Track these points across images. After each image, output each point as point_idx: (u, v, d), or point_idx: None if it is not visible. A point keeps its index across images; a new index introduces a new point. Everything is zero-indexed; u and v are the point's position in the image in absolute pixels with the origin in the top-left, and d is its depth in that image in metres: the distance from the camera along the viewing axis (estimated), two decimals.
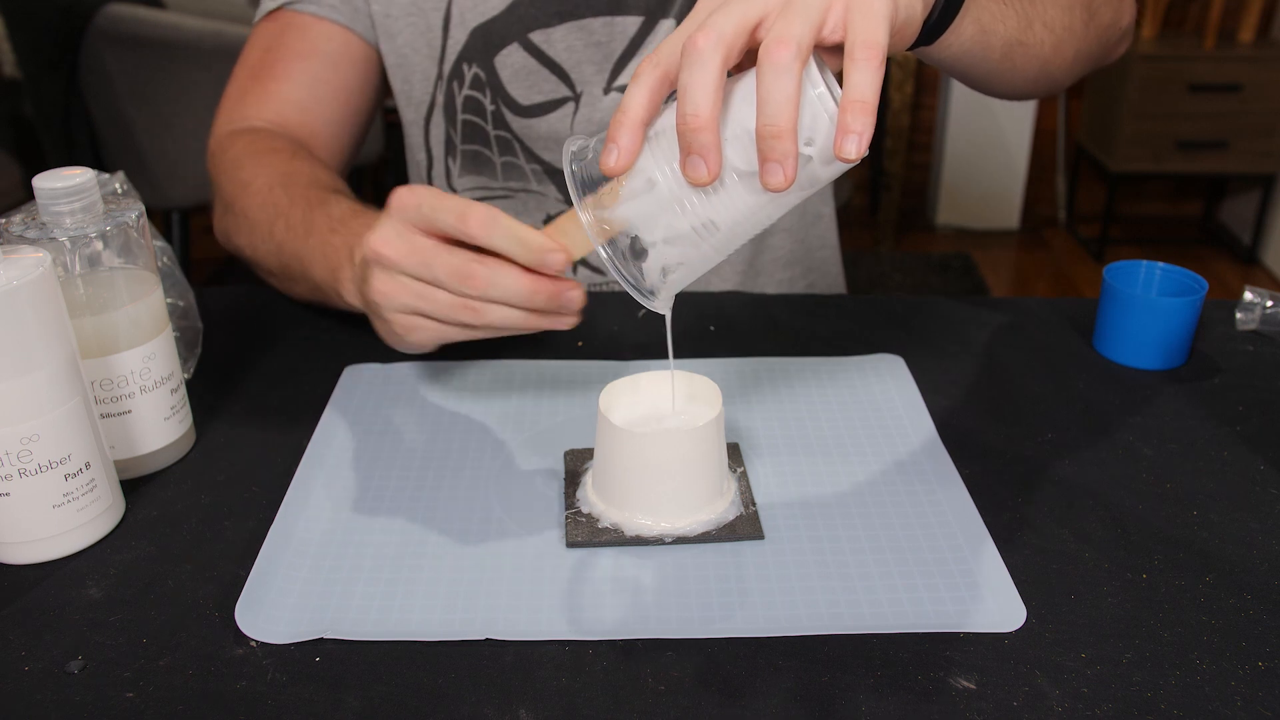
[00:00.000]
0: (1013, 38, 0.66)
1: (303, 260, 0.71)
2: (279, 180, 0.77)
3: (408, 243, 0.56)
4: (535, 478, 0.63)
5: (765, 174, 0.46)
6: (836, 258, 1.05)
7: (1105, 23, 0.78)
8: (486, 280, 0.55)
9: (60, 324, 0.53)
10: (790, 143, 0.45)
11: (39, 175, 0.57)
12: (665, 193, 0.49)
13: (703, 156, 0.47)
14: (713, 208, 0.49)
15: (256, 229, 0.76)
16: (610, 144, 0.49)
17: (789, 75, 0.45)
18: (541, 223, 0.94)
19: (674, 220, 0.50)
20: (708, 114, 0.46)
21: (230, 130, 0.86)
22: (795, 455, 0.65)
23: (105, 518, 0.57)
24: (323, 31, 0.87)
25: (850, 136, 0.45)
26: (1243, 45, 2.75)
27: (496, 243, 0.55)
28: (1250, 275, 2.89)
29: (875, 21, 0.46)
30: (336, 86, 0.88)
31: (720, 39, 0.46)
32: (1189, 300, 0.73)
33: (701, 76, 0.46)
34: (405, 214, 0.57)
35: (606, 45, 0.86)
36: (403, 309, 0.58)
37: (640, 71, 0.49)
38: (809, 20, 0.45)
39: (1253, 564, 0.55)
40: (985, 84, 0.73)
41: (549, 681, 0.48)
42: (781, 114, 0.45)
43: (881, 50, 0.45)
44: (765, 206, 0.50)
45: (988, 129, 3.06)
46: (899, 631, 0.50)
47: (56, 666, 0.49)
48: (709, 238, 0.51)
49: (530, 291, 0.56)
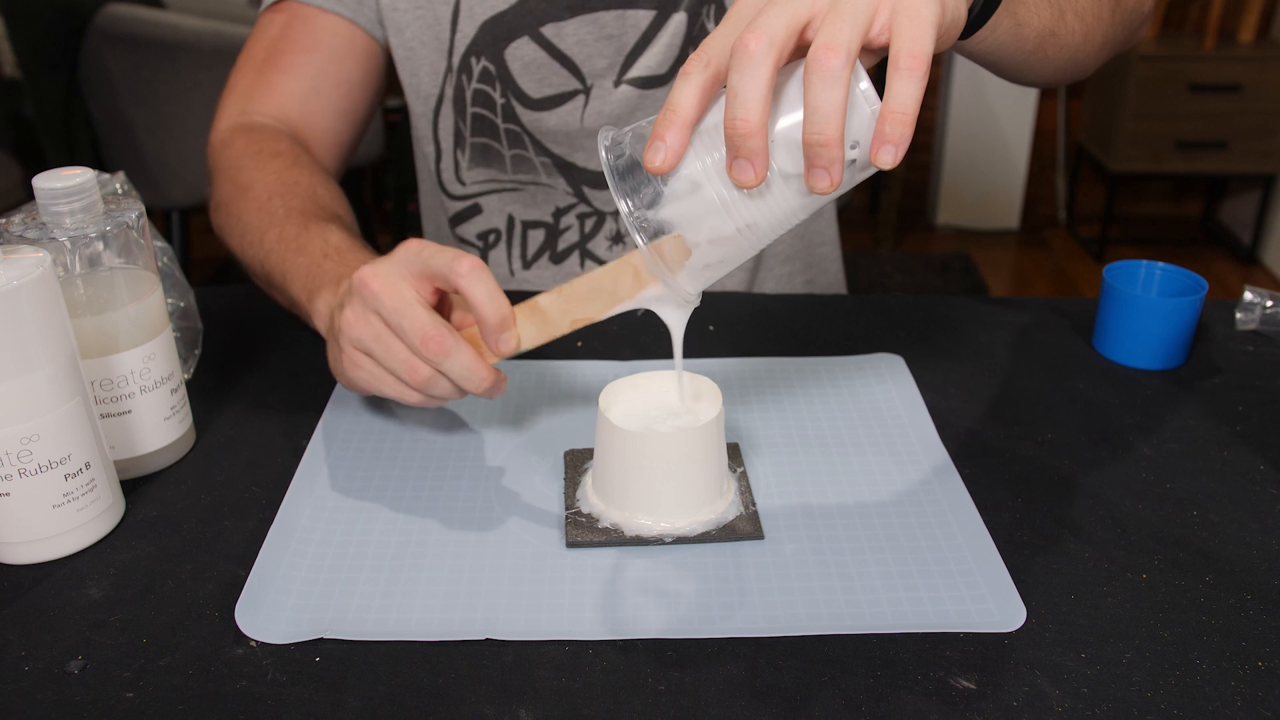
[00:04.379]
0: (1046, 29, 0.66)
1: (285, 274, 0.73)
2: (279, 189, 0.77)
3: (394, 286, 0.58)
4: (535, 478, 0.63)
5: (812, 179, 0.47)
6: (836, 254, 1.06)
7: (1130, 7, 0.78)
8: (443, 349, 0.57)
9: (60, 324, 0.53)
10: (838, 149, 0.45)
11: (39, 175, 0.57)
12: (712, 195, 0.49)
13: (750, 161, 0.46)
14: (757, 209, 0.49)
15: (248, 233, 0.77)
16: (657, 140, 0.48)
17: (838, 84, 0.44)
18: (550, 216, 0.94)
19: (719, 223, 0.50)
20: (758, 120, 0.45)
21: (233, 125, 0.86)
22: (795, 455, 0.65)
23: (105, 518, 0.57)
24: (327, 25, 0.87)
25: (887, 146, 0.45)
26: (1243, 45, 2.75)
27: (476, 289, 0.56)
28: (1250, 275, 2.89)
29: (922, 29, 0.45)
30: (339, 81, 0.89)
31: (772, 43, 0.45)
32: (1189, 300, 0.73)
33: (753, 81, 0.45)
34: (405, 258, 0.58)
35: (618, 38, 0.86)
36: (357, 343, 0.60)
37: (689, 69, 0.48)
38: (857, 25, 0.45)
39: (1253, 564, 0.55)
40: (1014, 74, 0.72)
41: (549, 681, 0.48)
42: (830, 123, 0.45)
43: (927, 60, 0.45)
44: (807, 207, 0.50)
45: (988, 129, 3.06)
46: (899, 631, 0.50)
47: (56, 666, 0.49)
48: (750, 237, 0.51)
49: (478, 379, 0.58)
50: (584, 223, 0.94)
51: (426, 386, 0.59)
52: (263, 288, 0.80)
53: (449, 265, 0.57)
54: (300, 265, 0.71)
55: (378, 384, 0.61)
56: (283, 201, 0.76)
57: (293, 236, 0.73)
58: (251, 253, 0.77)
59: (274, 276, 0.74)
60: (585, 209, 0.94)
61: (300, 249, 0.72)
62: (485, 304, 0.56)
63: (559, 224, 0.95)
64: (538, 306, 0.58)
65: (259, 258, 0.76)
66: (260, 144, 0.82)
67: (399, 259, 0.58)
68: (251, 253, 0.77)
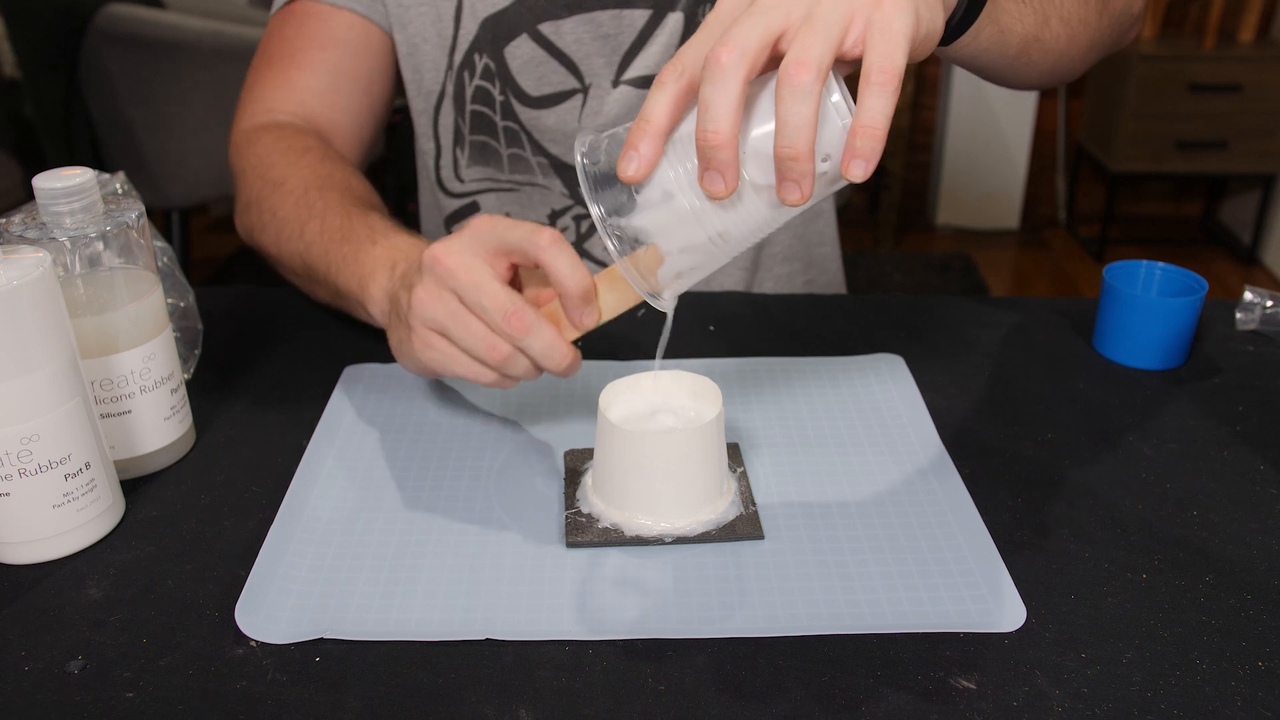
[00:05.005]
0: (1030, 35, 0.66)
1: (330, 264, 0.71)
2: (315, 182, 0.77)
3: (470, 263, 0.57)
4: (535, 478, 0.63)
5: (783, 191, 0.47)
6: (836, 254, 1.06)
7: (1117, 10, 0.78)
8: (527, 326, 0.56)
9: (60, 324, 0.53)
10: (808, 163, 0.46)
11: (39, 175, 0.57)
12: (684, 205, 0.50)
13: (721, 172, 0.47)
14: (728, 219, 0.50)
15: (285, 228, 0.76)
16: (630, 150, 0.49)
17: (809, 99, 0.45)
18: (546, 218, 0.94)
19: (691, 232, 0.50)
20: (728, 132, 0.46)
21: (255, 124, 0.85)
22: (795, 455, 0.65)
23: (105, 518, 0.57)
24: (342, 20, 0.87)
25: (858, 161, 0.46)
26: (1243, 45, 2.75)
27: (559, 260, 0.55)
28: (1250, 275, 2.89)
29: (895, 43, 0.46)
30: (357, 76, 0.89)
31: (744, 56, 0.45)
32: (1189, 300, 0.73)
33: (723, 94, 0.45)
34: (479, 234, 0.58)
35: (615, 38, 0.86)
36: (431, 322, 0.59)
37: (663, 79, 0.49)
38: (829, 39, 0.45)
39: (1253, 564, 0.55)
40: (998, 78, 0.73)
41: (549, 681, 0.48)
42: (800, 137, 0.45)
43: (898, 75, 0.45)
44: (779, 217, 0.50)
45: (988, 129, 3.06)
46: (899, 631, 0.50)
47: (56, 666, 0.49)
48: (723, 245, 0.51)
49: (559, 355, 0.57)
50: (580, 225, 0.94)
51: (505, 365, 0.58)
52: (301, 284, 0.79)
53: (528, 238, 0.56)
54: (348, 254, 0.70)
55: (452, 364, 0.59)
56: (320, 194, 0.75)
57: (336, 226, 0.72)
58: (290, 247, 0.76)
59: (317, 269, 0.73)
60: (581, 211, 0.94)
61: (345, 238, 0.71)
62: (568, 276, 0.56)
63: (555, 226, 0.95)
64: (616, 275, 0.57)
65: (299, 251, 0.75)
66: (288, 141, 0.82)
67: (473, 235, 0.58)
68: (290, 247, 0.76)
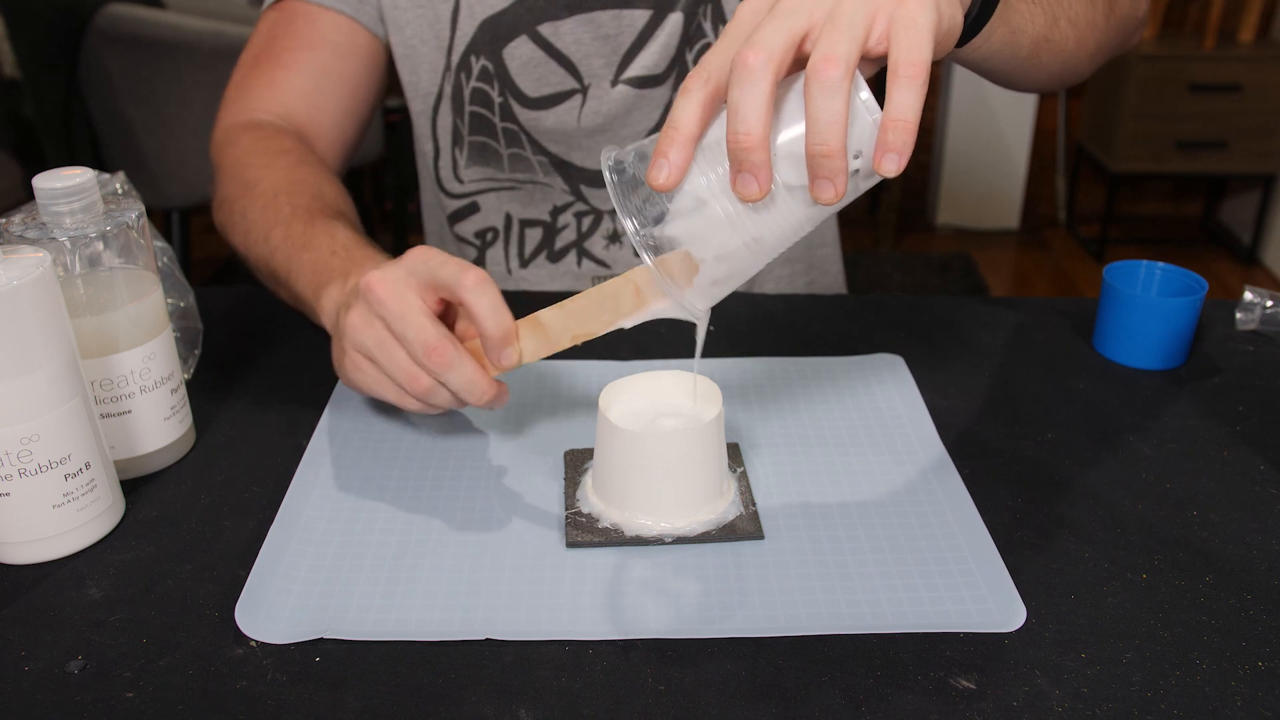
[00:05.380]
0: (1040, 36, 0.66)
1: (291, 270, 0.72)
2: (284, 187, 0.77)
3: (400, 294, 0.58)
4: (535, 478, 0.63)
5: (816, 190, 0.47)
6: (837, 255, 1.06)
7: (1124, 13, 0.79)
8: (445, 361, 0.57)
9: (60, 324, 0.53)
10: (841, 160, 0.46)
11: (39, 175, 0.57)
12: (718, 211, 0.49)
13: (754, 174, 0.47)
14: (762, 223, 0.49)
15: (253, 230, 0.77)
16: (660, 158, 0.48)
17: (838, 95, 0.45)
18: (548, 215, 0.94)
19: (725, 238, 0.50)
20: (759, 133, 0.46)
21: (236, 122, 0.86)
22: (795, 455, 0.65)
23: (105, 518, 0.57)
24: (329, 22, 0.87)
25: (891, 155, 0.46)
26: (1243, 45, 2.75)
27: (481, 302, 0.56)
28: (1250, 275, 2.89)
29: (920, 38, 0.46)
30: (342, 78, 0.89)
31: (770, 57, 0.46)
32: (1189, 300, 0.73)
33: (753, 95, 0.45)
34: (413, 266, 0.58)
35: (615, 38, 0.86)
36: (360, 347, 0.60)
37: (689, 86, 0.48)
38: (854, 36, 0.45)
39: (1253, 564, 0.55)
40: (1008, 80, 0.73)
41: (549, 681, 0.48)
42: (832, 134, 0.45)
43: (926, 68, 0.45)
44: (813, 218, 0.50)
45: (988, 129, 3.06)
46: (899, 631, 0.50)
47: (56, 666, 0.49)
48: (758, 250, 0.51)
49: (479, 391, 0.58)
50: (581, 221, 0.94)
51: (426, 396, 0.59)
52: (267, 285, 0.80)
53: (455, 277, 0.57)
54: (306, 262, 0.71)
55: (378, 388, 0.61)
56: (289, 199, 0.76)
57: (299, 234, 0.73)
58: (257, 250, 0.77)
59: (279, 273, 0.74)
60: (583, 207, 0.94)
61: (306, 245, 0.72)
62: (488, 319, 0.56)
63: (556, 223, 0.95)
64: (539, 321, 0.58)
65: (264, 255, 0.76)
66: (265, 141, 0.82)
67: (407, 266, 0.58)
68: (257, 250, 0.77)
